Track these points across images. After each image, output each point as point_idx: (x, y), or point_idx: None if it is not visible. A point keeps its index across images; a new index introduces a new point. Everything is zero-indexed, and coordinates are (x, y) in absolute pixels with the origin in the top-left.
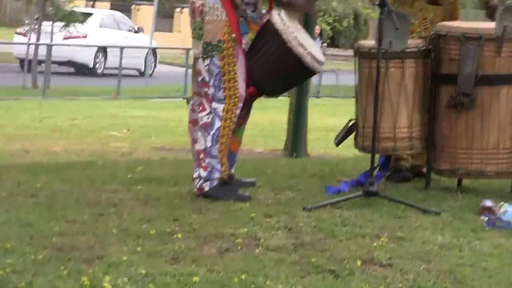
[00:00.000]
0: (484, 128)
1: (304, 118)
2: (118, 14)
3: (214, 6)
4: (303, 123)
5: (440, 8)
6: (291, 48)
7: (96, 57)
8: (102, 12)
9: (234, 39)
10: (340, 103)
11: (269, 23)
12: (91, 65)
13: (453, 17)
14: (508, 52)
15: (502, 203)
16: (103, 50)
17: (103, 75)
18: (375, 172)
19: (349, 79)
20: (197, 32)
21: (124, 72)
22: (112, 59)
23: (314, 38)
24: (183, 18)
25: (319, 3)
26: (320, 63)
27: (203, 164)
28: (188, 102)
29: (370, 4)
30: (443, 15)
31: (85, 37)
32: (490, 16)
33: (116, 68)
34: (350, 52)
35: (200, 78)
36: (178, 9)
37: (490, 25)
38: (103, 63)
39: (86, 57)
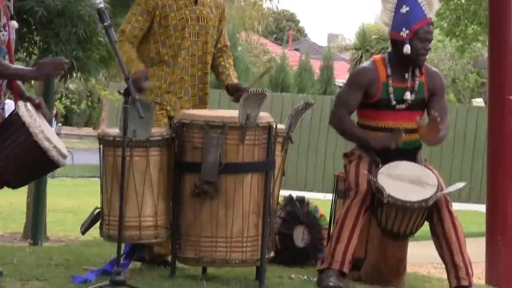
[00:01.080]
0: (228, 216)
1: (43, 201)
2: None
3: None
4: (42, 206)
5: (189, 94)
6: (37, 142)
7: None
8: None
9: None
10: (77, 183)
11: (15, 115)
12: None
13: (204, 103)
14: (252, 140)
15: None
16: None
17: None
18: (121, 260)
19: (84, 158)
20: None
21: None
22: None
23: (50, 119)
24: None
25: (56, 85)
26: (64, 156)
27: None
28: None
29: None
30: (192, 102)
31: None
32: (234, 99)
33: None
34: (84, 131)
35: None
36: None
37: (234, 113)
38: None
39: None
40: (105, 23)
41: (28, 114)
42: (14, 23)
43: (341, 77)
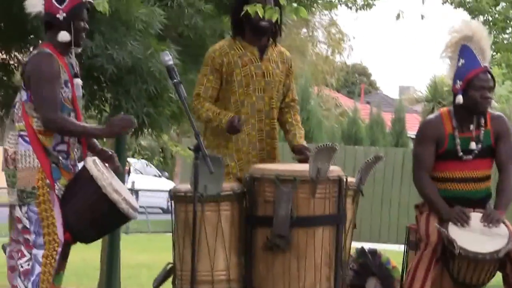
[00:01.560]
0: (300, 269)
1: (117, 257)
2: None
3: (26, 153)
4: (116, 262)
5: (256, 149)
6: (106, 194)
7: None
8: (134, 160)
9: (48, 185)
10: (151, 238)
11: (84, 169)
12: None
13: (272, 157)
14: (322, 194)
15: None
16: (135, 192)
17: None
18: None
19: (158, 214)
20: (11, 180)
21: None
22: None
23: (123, 175)
24: None
25: (128, 141)
26: (134, 209)
27: None
28: (4, 249)
29: None
30: (260, 156)
31: None
32: (298, 160)
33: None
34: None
35: (20, 226)
36: None
37: (305, 167)
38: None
39: None
40: (174, 80)
41: (96, 167)
42: (78, 81)
43: (412, 130)
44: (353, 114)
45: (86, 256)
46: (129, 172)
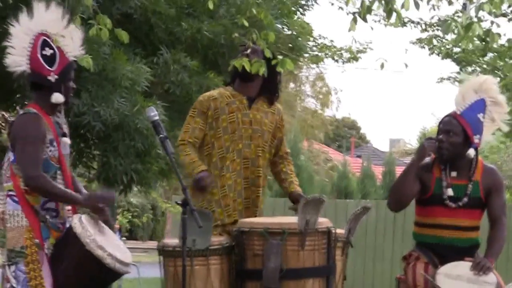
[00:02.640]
0: None
1: None
2: None
3: (14, 212)
4: None
5: (242, 197)
6: (89, 251)
7: None
8: None
9: (37, 244)
10: None
11: (70, 227)
12: None
13: (256, 206)
14: (312, 246)
15: None
16: None
17: None
18: None
19: (151, 272)
20: (1, 240)
21: None
22: None
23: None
24: None
25: (118, 198)
26: (123, 263)
27: None
28: None
29: None
30: (245, 204)
31: None
32: (294, 209)
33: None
34: (149, 244)
35: (8, 286)
36: None
37: (293, 219)
38: None
39: None
40: (160, 135)
41: (80, 224)
42: (66, 140)
43: None
44: (343, 168)
45: None
46: (120, 231)
